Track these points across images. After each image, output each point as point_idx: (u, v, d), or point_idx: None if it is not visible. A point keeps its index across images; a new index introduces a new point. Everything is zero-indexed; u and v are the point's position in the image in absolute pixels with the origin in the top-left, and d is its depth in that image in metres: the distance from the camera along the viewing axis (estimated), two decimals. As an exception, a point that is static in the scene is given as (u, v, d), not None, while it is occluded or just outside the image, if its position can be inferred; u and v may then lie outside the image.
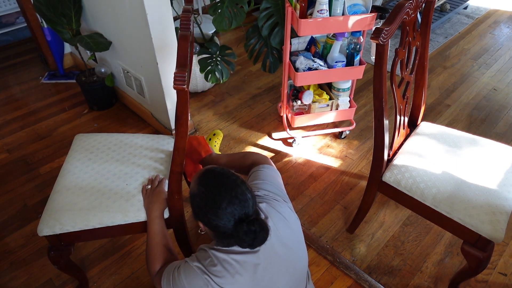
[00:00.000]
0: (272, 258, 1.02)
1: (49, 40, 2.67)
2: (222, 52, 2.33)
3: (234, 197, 0.94)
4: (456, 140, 1.54)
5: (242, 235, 0.93)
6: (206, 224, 0.99)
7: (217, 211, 0.94)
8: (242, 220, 0.94)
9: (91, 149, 1.50)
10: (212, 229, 0.98)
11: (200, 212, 0.98)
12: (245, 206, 0.95)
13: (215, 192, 0.96)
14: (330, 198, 1.95)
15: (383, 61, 1.21)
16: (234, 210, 0.94)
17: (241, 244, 0.96)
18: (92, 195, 1.32)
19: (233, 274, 0.97)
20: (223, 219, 0.94)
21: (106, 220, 1.28)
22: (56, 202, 1.31)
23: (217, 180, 0.99)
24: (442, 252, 1.70)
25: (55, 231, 1.27)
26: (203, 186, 0.99)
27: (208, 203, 0.96)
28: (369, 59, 2.86)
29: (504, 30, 3.45)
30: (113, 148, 1.51)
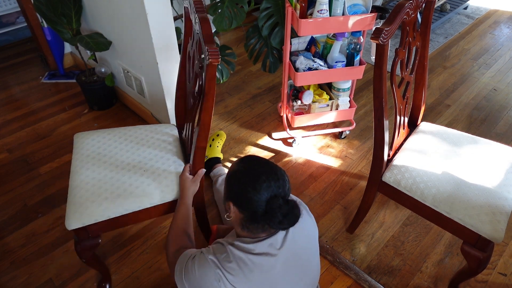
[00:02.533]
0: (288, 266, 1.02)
1: (49, 40, 2.68)
2: (222, 52, 2.33)
3: (273, 174, 0.97)
4: (456, 140, 1.54)
5: (276, 209, 0.93)
6: (239, 202, 0.98)
7: (255, 183, 0.95)
8: (276, 197, 0.94)
9: (96, 144, 1.52)
10: (243, 209, 0.98)
11: (237, 186, 0.98)
12: (282, 186, 0.96)
13: (257, 166, 0.99)
14: (330, 198, 1.95)
15: (383, 61, 1.21)
16: (272, 185, 0.95)
17: (272, 220, 0.94)
18: (113, 185, 1.34)
19: (246, 274, 0.96)
20: (260, 192, 0.94)
21: (133, 206, 1.31)
22: (78, 196, 1.31)
23: (259, 159, 1.03)
24: (442, 252, 1.70)
25: (84, 223, 1.27)
26: (244, 163, 1.01)
27: (248, 175, 0.97)
28: (369, 59, 2.86)
29: (504, 30, 3.45)
30: (119, 141, 1.53)
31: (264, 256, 0.98)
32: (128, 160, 1.44)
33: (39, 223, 1.84)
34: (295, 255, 1.03)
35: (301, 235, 1.05)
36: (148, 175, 1.38)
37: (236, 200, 0.99)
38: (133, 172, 1.39)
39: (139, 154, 1.47)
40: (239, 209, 0.99)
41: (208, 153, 2.05)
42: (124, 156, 1.46)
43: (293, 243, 1.02)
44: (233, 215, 1.02)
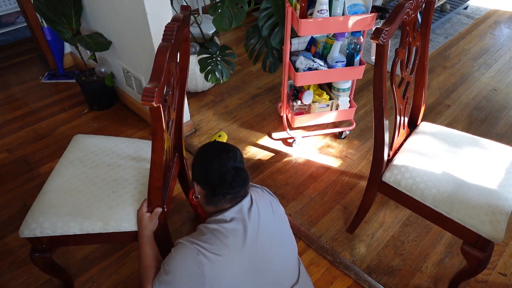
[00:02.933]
0: (262, 225, 1.10)
1: (49, 39, 2.67)
2: (222, 52, 2.33)
3: (224, 147, 1.10)
4: (456, 140, 1.54)
5: (225, 174, 1.05)
6: (199, 179, 1.09)
7: (207, 156, 1.09)
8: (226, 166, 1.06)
9: (85, 151, 1.51)
10: (204, 184, 1.08)
11: (196, 166, 1.11)
12: (233, 158, 1.08)
13: (211, 147, 1.13)
14: (330, 198, 1.95)
15: (383, 61, 1.21)
16: (223, 156, 1.07)
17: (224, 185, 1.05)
18: (78, 200, 1.32)
19: (223, 240, 1.03)
20: (212, 164, 1.06)
21: (86, 227, 1.27)
22: (41, 204, 1.31)
23: (216, 142, 1.18)
24: (442, 252, 1.70)
25: (36, 234, 1.26)
26: (203, 147, 1.14)
27: (203, 154, 1.11)
28: (369, 59, 2.86)
29: (504, 30, 3.45)
30: (107, 152, 1.51)
31: (235, 221, 1.06)
32: (104, 176, 1.40)
33: (39, 223, 1.84)
34: (265, 226, 1.10)
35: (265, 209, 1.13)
36: (114, 197, 1.33)
37: (197, 178, 1.11)
38: (103, 190, 1.35)
39: (118, 171, 1.42)
40: (201, 185, 1.09)
41: None
42: (103, 170, 1.43)
43: (261, 214, 1.11)
44: (200, 195, 1.12)
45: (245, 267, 1.05)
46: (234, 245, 1.04)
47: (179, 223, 1.82)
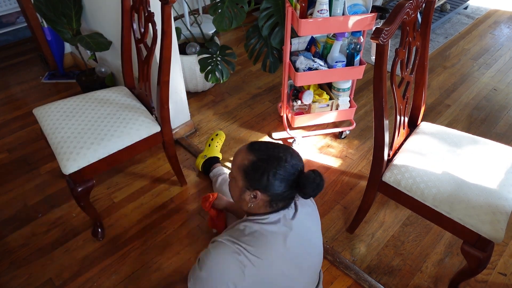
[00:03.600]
0: (301, 232, 1.05)
1: (49, 40, 2.67)
2: (222, 52, 2.33)
3: (292, 152, 1.03)
4: (456, 140, 1.54)
5: (306, 182, 0.99)
6: (268, 186, 1.00)
7: (282, 164, 0.99)
8: (303, 171, 1.01)
9: (61, 110, 1.68)
10: (272, 191, 1.00)
11: (263, 175, 1.00)
12: (301, 160, 1.03)
13: (275, 150, 1.02)
14: (330, 198, 1.95)
15: (383, 61, 1.21)
16: (296, 162, 1.01)
17: (305, 192, 1.00)
18: (93, 134, 1.56)
19: (265, 242, 0.99)
20: (289, 170, 0.99)
21: (117, 145, 1.55)
22: (65, 147, 1.50)
23: (269, 144, 1.06)
24: (442, 252, 1.70)
25: (80, 166, 1.47)
26: (260, 151, 1.03)
27: (273, 160, 1.00)
28: (369, 59, 2.86)
29: (504, 30, 3.45)
30: (81, 104, 1.72)
31: (279, 225, 1.01)
32: (97, 115, 1.64)
33: (39, 223, 1.84)
34: (305, 233, 1.07)
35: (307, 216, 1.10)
36: (121, 121, 1.62)
37: (265, 186, 1.01)
38: (106, 122, 1.61)
39: (105, 109, 1.68)
40: (268, 193, 1.01)
41: (207, 153, 2.05)
42: (92, 113, 1.66)
43: (302, 221, 1.06)
44: (259, 200, 1.03)
45: (283, 271, 1.03)
46: (275, 248, 1.00)
47: (179, 223, 1.82)
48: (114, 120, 1.63)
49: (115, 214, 1.87)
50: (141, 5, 1.57)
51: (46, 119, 1.65)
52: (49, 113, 1.67)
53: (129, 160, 2.15)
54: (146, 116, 1.68)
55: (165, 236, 1.77)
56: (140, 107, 1.73)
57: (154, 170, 2.10)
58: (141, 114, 1.68)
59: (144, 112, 1.70)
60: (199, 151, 2.20)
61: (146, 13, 1.55)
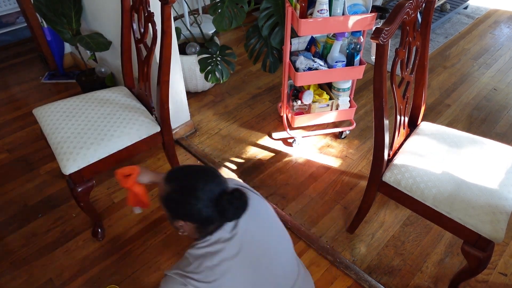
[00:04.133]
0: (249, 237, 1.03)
1: (49, 40, 2.68)
2: (222, 52, 2.33)
3: (207, 176, 0.99)
4: (456, 140, 1.54)
5: (226, 205, 0.96)
6: (187, 217, 0.99)
7: (196, 193, 0.96)
8: (221, 196, 0.97)
9: (60, 111, 1.68)
10: (194, 220, 0.99)
11: (179, 206, 0.99)
12: (220, 183, 0.99)
13: (188, 179, 0.99)
14: (330, 198, 1.95)
15: (383, 61, 1.21)
16: (212, 188, 0.97)
17: (226, 216, 0.98)
18: (93, 134, 1.56)
19: (210, 266, 0.97)
20: (204, 199, 0.96)
21: (117, 145, 1.56)
22: (65, 147, 1.51)
23: (185, 170, 1.03)
24: (442, 252, 1.70)
25: (80, 166, 1.47)
26: (174, 181, 1.00)
27: (185, 191, 0.97)
28: (369, 59, 2.86)
29: (504, 30, 3.44)
30: (80, 104, 1.72)
31: (222, 243, 0.99)
32: (97, 116, 1.65)
33: (39, 223, 1.84)
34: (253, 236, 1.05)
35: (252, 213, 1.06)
36: (121, 121, 1.63)
37: (185, 217, 1.00)
38: (106, 122, 1.62)
39: (105, 110, 1.68)
40: (191, 221, 1.00)
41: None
42: (92, 113, 1.66)
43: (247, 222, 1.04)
44: (187, 228, 1.03)
45: (244, 273, 1.02)
46: (222, 266, 0.98)
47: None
48: (114, 120, 1.63)
49: (115, 214, 1.87)
50: (141, 5, 1.57)
51: (46, 119, 1.65)
52: (49, 113, 1.67)
53: (129, 160, 2.15)
54: (146, 116, 1.68)
55: (165, 236, 1.77)
56: (140, 107, 1.73)
57: (154, 170, 2.10)
58: (141, 114, 1.68)
59: (144, 112, 1.70)
60: (199, 151, 2.20)
61: (146, 13, 1.55)
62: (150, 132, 1.65)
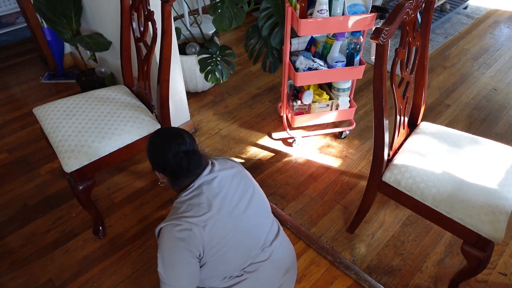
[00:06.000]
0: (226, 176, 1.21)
1: (49, 40, 2.68)
2: (222, 52, 2.33)
3: (173, 135, 1.16)
4: (456, 140, 1.54)
5: (180, 161, 1.13)
6: (158, 167, 1.18)
7: (159, 147, 1.15)
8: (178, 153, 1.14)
9: (61, 109, 1.68)
10: (164, 171, 1.17)
11: (151, 156, 1.18)
12: (182, 143, 1.15)
13: (159, 135, 1.18)
14: (330, 198, 1.95)
15: (383, 61, 1.21)
16: (172, 144, 1.14)
17: (182, 170, 1.14)
18: (94, 132, 1.57)
19: (198, 204, 1.13)
20: (165, 153, 1.13)
21: (118, 143, 1.57)
22: (66, 145, 1.51)
23: (163, 129, 1.24)
24: (442, 252, 1.70)
25: (82, 163, 1.48)
26: (151, 136, 1.19)
27: (154, 145, 1.17)
28: (369, 59, 2.86)
29: (504, 30, 3.45)
30: (80, 103, 1.72)
31: (204, 186, 1.16)
32: (97, 114, 1.65)
33: (39, 223, 1.84)
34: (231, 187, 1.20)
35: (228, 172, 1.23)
36: (121, 119, 1.63)
37: (156, 167, 1.19)
38: (106, 120, 1.62)
39: (105, 108, 1.69)
40: (163, 173, 1.18)
41: None
42: (92, 112, 1.67)
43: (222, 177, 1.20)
44: (164, 180, 1.21)
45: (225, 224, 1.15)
46: (209, 207, 1.13)
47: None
48: (115, 119, 1.63)
49: (115, 214, 1.87)
50: (140, 4, 1.57)
51: (46, 118, 1.65)
52: (49, 112, 1.67)
53: (129, 160, 2.15)
54: (146, 114, 1.68)
55: (165, 236, 1.77)
56: (140, 106, 1.74)
57: (154, 170, 2.10)
58: (141, 113, 1.69)
59: (144, 110, 1.71)
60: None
61: (146, 11, 1.55)
62: (151, 130, 1.66)
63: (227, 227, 1.15)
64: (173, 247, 1.10)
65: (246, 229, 1.20)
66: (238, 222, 1.18)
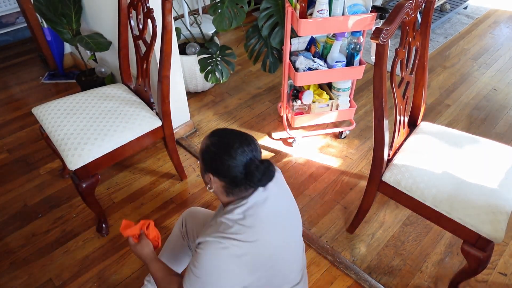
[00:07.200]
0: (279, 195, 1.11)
1: (49, 40, 2.68)
2: (222, 52, 2.33)
3: (244, 140, 1.05)
4: (456, 140, 1.54)
5: (254, 170, 1.01)
6: (217, 171, 1.04)
7: (230, 150, 1.02)
8: (252, 161, 1.03)
9: (61, 109, 1.69)
10: (222, 177, 1.04)
11: (213, 158, 1.04)
12: (255, 149, 1.05)
13: (227, 137, 1.05)
14: (330, 198, 1.95)
15: (383, 61, 1.21)
16: (246, 150, 1.03)
17: (252, 180, 1.02)
18: (96, 130, 1.57)
19: (250, 227, 1.01)
20: (236, 158, 1.01)
21: (120, 140, 1.58)
22: (69, 143, 1.52)
23: (227, 130, 1.09)
24: (442, 252, 1.70)
25: (85, 161, 1.49)
26: (215, 136, 1.06)
27: (222, 146, 1.03)
28: (369, 59, 2.86)
29: (504, 30, 3.45)
30: (80, 102, 1.72)
31: (256, 207, 1.05)
32: (98, 112, 1.66)
33: (39, 223, 1.84)
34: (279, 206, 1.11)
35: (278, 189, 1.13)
36: (122, 116, 1.64)
37: (215, 170, 1.05)
38: (108, 118, 1.63)
39: (105, 106, 1.70)
40: (219, 177, 1.05)
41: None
42: (93, 110, 1.67)
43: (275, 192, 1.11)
44: (215, 185, 1.07)
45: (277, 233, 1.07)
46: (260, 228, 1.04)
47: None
48: (116, 116, 1.65)
49: (115, 214, 1.87)
50: (139, 1, 1.57)
51: (46, 117, 1.65)
52: (49, 112, 1.67)
53: (129, 160, 2.15)
54: (147, 111, 1.69)
55: (165, 237, 1.77)
56: (140, 103, 1.75)
57: (154, 171, 2.10)
58: (142, 109, 1.70)
59: (144, 107, 1.72)
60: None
61: (145, 9, 1.55)
62: (152, 127, 1.67)
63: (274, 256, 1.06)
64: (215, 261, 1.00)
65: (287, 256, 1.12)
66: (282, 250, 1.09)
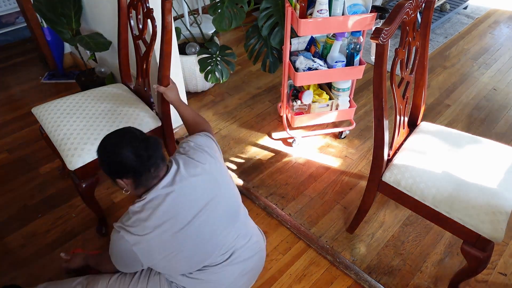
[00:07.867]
0: (186, 187, 1.16)
1: (49, 40, 2.68)
2: (222, 52, 2.33)
3: (120, 132, 1.15)
4: (456, 140, 1.54)
5: (139, 150, 1.10)
6: (120, 172, 1.13)
7: (113, 149, 1.11)
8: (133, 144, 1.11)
9: (60, 109, 1.69)
10: (126, 173, 1.12)
11: (109, 165, 1.14)
12: (133, 137, 1.13)
13: (105, 142, 1.15)
14: (330, 198, 1.95)
15: (383, 61, 1.21)
16: (123, 140, 1.12)
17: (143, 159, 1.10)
18: (96, 130, 1.57)
19: (145, 219, 1.11)
20: (121, 151, 1.10)
21: None
22: (69, 143, 1.52)
23: (104, 137, 1.17)
24: (442, 252, 1.70)
25: (85, 161, 1.50)
26: (99, 150, 1.16)
27: (106, 151, 1.14)
28: (369, 59, 2.86)
29: (504, 30, 3.45)
30: (80, 102, 1.72)
31: (155, 201, 1.13)
32: (98, 112, 1.66)
33: (39, 223, 1.84)
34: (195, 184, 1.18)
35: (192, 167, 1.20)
36: (122, 116, 1.64)
37: (118, 174, 1.14)
38: (107, 118, 1.63)
39: (105, 106, 1.69)
40: (126, 176, 1.13)
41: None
42: (93, 110, 1.67)
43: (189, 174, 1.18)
44: (127, 186, 1.16)
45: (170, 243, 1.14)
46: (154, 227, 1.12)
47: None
48: (116, 116, 1.64)
49: (115, 215, 1.87)
50: (139, 1, 1.57)
51: (46, 117, 1.65)
52: (49, 112, 1.67)
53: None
54: (146, 112, 1.69)
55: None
56: (140, 103, 1.74)
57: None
58: (142, 110, 1.69)
59: (144, 107, 1.72)
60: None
61: (145, 9, 1.55)
62: (152, 127, 1.67)
63: (171, 246, 1.15)
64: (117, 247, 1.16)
65: (196, 241, 1.19)
66: (186, 238, 1.17)
